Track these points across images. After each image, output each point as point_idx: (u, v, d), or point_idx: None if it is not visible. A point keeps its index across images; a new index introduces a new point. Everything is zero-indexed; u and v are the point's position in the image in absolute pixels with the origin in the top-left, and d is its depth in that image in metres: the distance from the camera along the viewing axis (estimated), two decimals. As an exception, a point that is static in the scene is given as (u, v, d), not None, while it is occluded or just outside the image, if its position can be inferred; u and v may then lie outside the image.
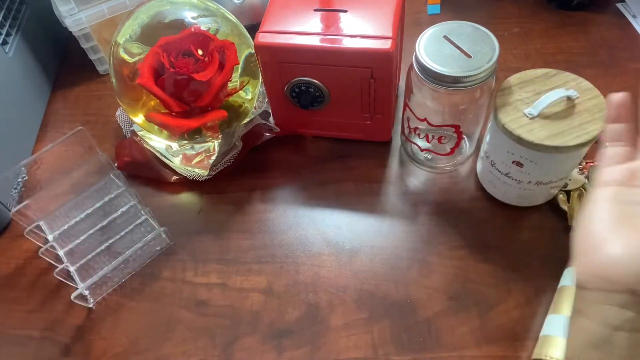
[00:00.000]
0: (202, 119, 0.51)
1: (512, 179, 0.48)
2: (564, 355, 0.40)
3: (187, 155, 0.59)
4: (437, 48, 0.45)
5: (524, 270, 0.48)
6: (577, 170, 0.52)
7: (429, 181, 0.56)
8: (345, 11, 0.50)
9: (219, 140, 0.57)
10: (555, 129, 0.42)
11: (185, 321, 0.48)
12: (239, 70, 0.53)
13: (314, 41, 0.49)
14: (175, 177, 0.58)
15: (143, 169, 0.59)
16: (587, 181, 0.52)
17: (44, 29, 0.71)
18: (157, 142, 0.60)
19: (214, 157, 0.57)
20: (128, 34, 0.52)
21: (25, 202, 0.52)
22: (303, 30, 0.49)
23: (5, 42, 0.62)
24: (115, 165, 0.59)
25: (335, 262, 0.50)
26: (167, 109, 0.51)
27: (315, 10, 0.51)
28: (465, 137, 0.54)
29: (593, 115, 0.43)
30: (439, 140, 0.53)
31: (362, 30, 0.48)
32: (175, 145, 0.59)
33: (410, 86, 0.49)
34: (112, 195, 0.57)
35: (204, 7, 0.54)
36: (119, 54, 0.52)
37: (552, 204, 0.51)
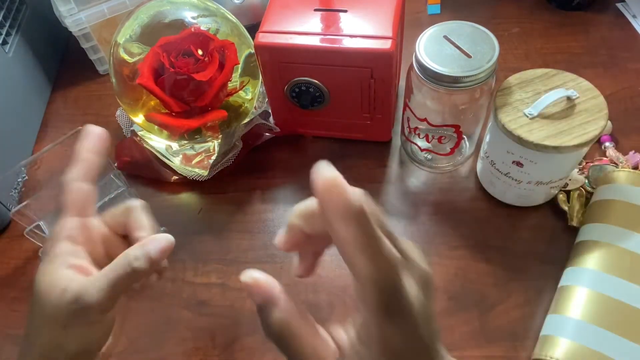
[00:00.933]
0: (202, 119, 0.51)
1: (512, 179, 0.48)
2: (564, 355, 0.40)
3: (187, 155, 0.59)
4: (437, 48, 0.45)
5: (524, 270, 0.48)
6: (577, 170, 0.52)
7: (429, 181, 0.56)
8: (345, 11, 0.50)
9: (219, 140, 0.57)
10: (555, 129, 0.42)
11: (185, 321, 0.48)
12: (239, 70, 0.53)
13: (314, 41, 0.49)
14: (175, 177, 0.58)
15: (143, 169, 0.59)
16: (587, 181, 0.52)
17: (44, 29, 0.71)
18: (157, 142, 0.60)
19: (214, 157, 0.56)
20: (128, 34, 0.52)
21: (25, 202, 0.52)
22: (303, 30, 0.49)
23: (5, 42, 0.62)
24: (115, 165, 0.59)
25: (335, 262, 0.50)
26: (167, 109, 0.51)
27: (315, 10, 0.51)
28: (465, 137, 0.54)
29: (593, 115, 0.43)
30: (439, 140, 0.53)
31: (362, 30, 0.48)
32: (175, 145, 0.59)
33: (410, 86, 0.49)
34: (112, 195, 0.57)
35: (204, 7, 0.54)
36: (119, 54, 0.52)
37: (552, 204, 0.51)
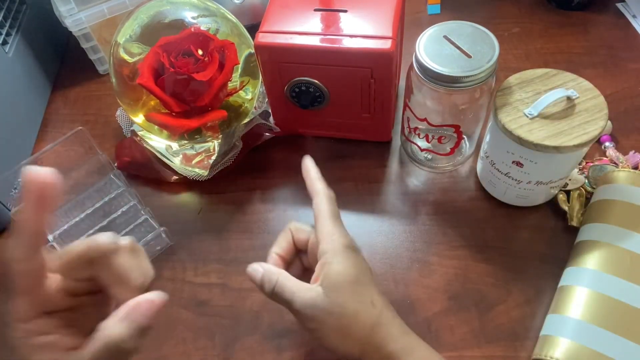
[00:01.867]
0: (202, 119, 0.51)
1: (512, 178, 0.48)
2: (564, 355, 0.40)
3: (187, 155, 0.59)
4: (437, 48, 0.45)
5: (524, 270, 0.48)
6: (577, 170, 0.52)
7: (429, 181, 0.56)
8: (345, 11, 0.50)
9: (219, 140, 0.57)
10: (555, 129, 0.42)
11: (185, 321, 0.48)
12: (239, 70, 0.53)
13: (314, 41, 0.49)
14: (175, 177, 0.58)
15: (143, 169, 0.59)
16: (587, 181, 0.52)
17: (44, 29, 0.71)
18: (157, 142, 0.60)
19: (214, 157, 0.56)
20: (128, 34, 0.52)
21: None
22: (303, 30, 0.49)
23: (5, 42, 0.62)
24: (115, 165, 0.59)
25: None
26: (167, 109, 0.51)
27: (315, 10, 0.51)
28: (465, 137, 0.54)
29: (593, 115, 0.43)
30: (439, 140, 0.53)
31: (362, 30, 0.48)
32: (175, 145, 0.59)
33: (410, 86, 0.49)
34: (112, 195, 0.57)
35: (204, 7, 0.54)
36: (119, 54, 0.52)
37: (552, 204, 0.52)
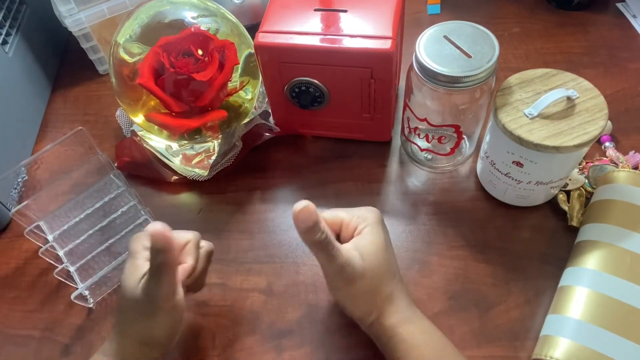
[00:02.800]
0: (202, 119, 0.51)
1: (512, 179, 0.48)
2: (564, 355, 0.40)
3: (187, 155, 0.59)
4: (437, 48, 0.45)
5: (524, 270, 0.48)
6: (577, 170, 0.52)
7: (429, 181, 0.56)
8: (345, 11, 0.50)
9: (219, 140, 0.57)
10: (555, 129, 0.42)
11: (185, 321, 0.48)
12: (239, 70, 0.53)
13: (314, 41, 0.49)
14: (175, 177, 0.58)
15: (143, 169, 0.59)
16: (587, 181, 0.52)
17: (44, 29, 0.71)
18: (157, 142, 0.60)
19: (214, 157, 0.56)
20: (128, 34, 0.52)
21: (25, 202, 0.52)
22: (303, 30, 0.49)
23: (5, 42, 0.62)
24: (115, 165, 0.59)
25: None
26: (167, 109, 0.51)
27: (315, 10, 0.51)
28: (465, 137, 0.54)
29: (593, 115, 0.43)
30: (439, 140, 0.53)
31: (362, 30, 0.48)
32: (175, 145, 0.59)
33: (410, 86, 0.49)
34: (112, 195, 0.57)
35: (204, 7, 0.54)
36: (119, 54, 0.52)
37: (552, 203, 0.52)
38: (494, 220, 0.52)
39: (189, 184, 0.57)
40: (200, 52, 0.50)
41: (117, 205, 0.56)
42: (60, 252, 0.53)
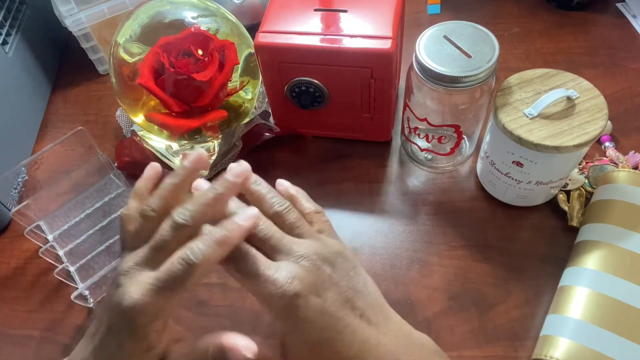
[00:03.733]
0: (202, 119, 0.51)
1: (512, 179, 0.48)
2: (564, 355, 0.40)
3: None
4: (437, 48, 0.45)
5: (524, 270, 0.48)
6: (577, 170, 0.52)
7: (429, 181, 0.56)
8: (345, 11, 0.50)
9: (219, 140, 0.57)
10: (555, 129, 0.42)
11: (185, 321, 0.48)
12: (239, 70, 0.53)
13: (314, 41, 0.49)
14: (175, 177, 0.57)
15: (143, 169, 0.58)
16: (587, 181, 0.52)
17: (44, 29, 0.71)
18: (157, 142, 0.60)
19: (214, 157, 0.56)
20: (128, 34, 0.52)
21: (25, 202, 0.52)
22: (303, 30, 0.49)
23: (5, 42, 0.62)
24: (115, 165, 0.59)
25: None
26: (167, 109, 0.51)
27: (315, 10, 0.51)
28: (465, 137, 0.54)
29: (593, 115, 0.43)
30: (439, 140, 0.53)
31: (362, 30, 0.48)
32: (175, 145, 0.59)
33: (410, 86, 0.49)
34: (112, 195, 0.57)
35: (204, 7, 0.54)
36: (119, 54, 0.52)
37: (552, 203, 0.51)
38: (494, 220, 0.52)
39: (189, 184, 0.57)
40: (200, 52, 0.50)
41: (117, 205, 0.56)
42: (60, 252, 0.53)
